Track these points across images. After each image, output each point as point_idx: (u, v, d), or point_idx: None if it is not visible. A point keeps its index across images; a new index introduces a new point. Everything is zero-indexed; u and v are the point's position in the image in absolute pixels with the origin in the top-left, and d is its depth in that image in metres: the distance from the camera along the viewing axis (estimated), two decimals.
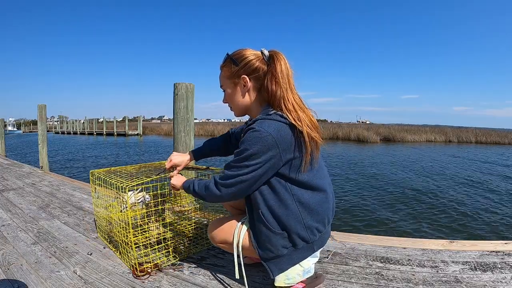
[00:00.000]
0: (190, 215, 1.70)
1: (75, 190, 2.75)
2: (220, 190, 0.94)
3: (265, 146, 0.85)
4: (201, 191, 1.00)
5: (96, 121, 34.46)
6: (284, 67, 0.95)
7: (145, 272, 1.18)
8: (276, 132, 0.86)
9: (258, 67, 0.99)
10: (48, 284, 1.12)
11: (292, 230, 0.93)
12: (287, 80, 0.95)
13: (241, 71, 1.01)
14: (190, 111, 2.12)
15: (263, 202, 0.94)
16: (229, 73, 1.03)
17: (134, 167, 1.55)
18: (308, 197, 0.94)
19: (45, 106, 4.40)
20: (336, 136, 21.02)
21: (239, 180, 0.90)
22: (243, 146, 0.89)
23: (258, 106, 1.03)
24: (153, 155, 12.19)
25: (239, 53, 1.02)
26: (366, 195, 5.41)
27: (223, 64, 1.07)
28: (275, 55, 0.97)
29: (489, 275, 1.16)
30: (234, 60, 1.01)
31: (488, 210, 4.61)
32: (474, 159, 11.49)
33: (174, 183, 1.16)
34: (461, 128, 25.82)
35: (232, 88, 1.05)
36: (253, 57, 0.99)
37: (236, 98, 1.05)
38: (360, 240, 1.54)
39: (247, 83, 1.01)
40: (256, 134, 0.86)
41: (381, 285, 1.10)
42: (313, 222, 0.96)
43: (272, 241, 0.94)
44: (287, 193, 0.92)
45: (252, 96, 1.03)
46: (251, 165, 0.87)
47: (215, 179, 0.96)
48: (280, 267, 0.97)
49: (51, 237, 1.59)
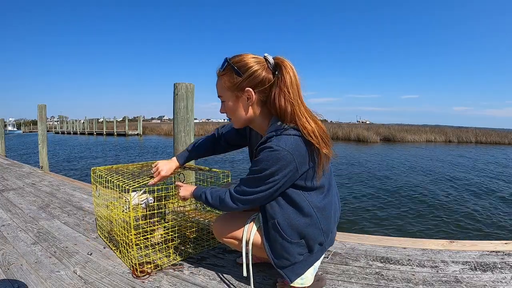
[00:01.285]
0: (190, 216, 1.70)
1: (75, 190, 2.75)
2: (237, 204, 0.94)
3: (284, 165, 0.84)
4: (215, 202, 0.98)
5: (96, 121, 34.47)
6: (293, 79, 0.88)
7: (145, 273, 1.18)
8: (294, 148, 0.84)
9: (264, 78, 0.90)
10: (48, 284, 1.12)
11: (311, 237, 0.94)
12: (297, 93, 0.88)
13: (245, 83, 0.91)
14: (190, 111, 2.12)
15: (280, 212, 0.92)
16: (230, 84, 0.93)
17: (136, 166, 1.55)
18: (321, 200, 0.94)
19: (45, 106, 4.39)
20: (336, 136, 21.04)
21: (257, 197, 0.90)
22: (261, 166, 0.86)
23: (264, 119, 0.97)
24: (154, 155, 12.19)
25: (242, 60, 0.91)
26: (366, 195, 5.41)
27: (222, 72, 0.95)
28: (281, 64, 0.89)
29: (489, 275, 1.16)
30: (236, 70, 0.91)
31: (488, 210, 4.61)
32: (474, 157, 11.49)
33: (183, 195, 1.13)
34: (461, 128, 25.82)
35: (234, 101, 0.96)
36: (258, 67, 0.90)
37: (238, 112, 0.97)
38: (360, 240, 1.54)
39: (251, 96, 0.92)
40: (275, 154, 0.83)
41: (381, 285, 1.10)
42: (328, 224, 0.97)
43: (288, 250, 0.93)
44: (303, 201, 0.91)
45: (256, 109, 0.96)
46: (269, 183, 0.87)
47: (231, 192, 0.95)
48: (296, 272, 0.96)
49: (51, 237, 1.59)
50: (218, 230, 1.08)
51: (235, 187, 0.95)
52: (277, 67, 0.90)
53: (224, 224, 1.07)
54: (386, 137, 20.69)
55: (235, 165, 7.88)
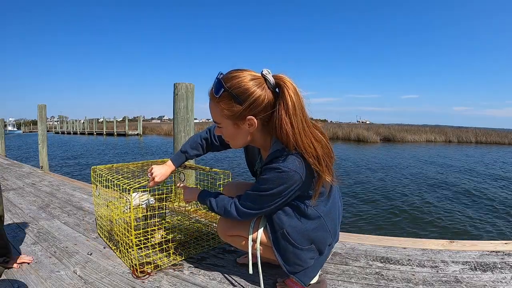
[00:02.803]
0: (191, 215, 1.70)
1: (75, 190, 2.75)
2: (242, 216, 0.94)
3: (291, 184, 0.83)
4: (220, 211, 0.99)
5: (96, 121, 34.48)
6: (296, 102, 0.80)
7: (145, 273, 1.18)
8: (301, 168, 0.83)
9: (267, 104, 0.83)
10: (48, 284, 1.12)
11: (320, 241, 0.95)
12: (301, 114, 0.82)
13: (246, 111, 0.83)
14: (190, 111, 2.12)
15: (287, 221, 0.92)
16: (229, 112, 0.84)
17: (136, 165, 1.54)
18: (326, 204, 0.94)
19: (45, 106, 4.39)
20: (336, 136, 21.01)
21: (262, 212, 0.92)
22: (268, 186, 0.84)
23: (266, 137, 0.92)
24: (154, 155, 12.18)
25: (240, 84, 0.81)
26: (366, 195, 5.41)
27: (218, 98, 0.84)
28: (283, 85, 0.81)
29: (489, 275, 1.16)
30: (235, 97, 0.81)
31: (489, 209, 4.61)
32: (474, 158, 11.49)
33: (187, 198, 1.14)
34: (461, 128, 25.82)
35: (234, 129, 0.89)
36: (259, 92, 0.81)
37: (238, 139, 0.92)
38: (360, 240, 1.54)
39: (254, 124, 0.86)
40: (283, 175, 0.81)
41: (381, 285, 1.10)
42: (334, 225, 0.98)
43: (300, 257, 0.94)
44: (309, 207, 0.91)
45: (257, 133, 0.91)
46: (276, 199, 0.87)
47: (236, 205, 0.94)
48: (309, 276, 0.98)
49: (51, 237, 1.59)
50: (223, 228, 1.08)
51: (241, 200, 0.94)
52: (278, 88, 0.83)
53: (229, 223, 1.06)
54: (386, 137, 20.68)
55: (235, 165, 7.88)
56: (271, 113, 0.84)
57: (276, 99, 0.83)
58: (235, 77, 0.82)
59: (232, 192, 1.14)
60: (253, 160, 1.15)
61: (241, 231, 1.03)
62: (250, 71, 0.85)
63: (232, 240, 1.07)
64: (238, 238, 1.05)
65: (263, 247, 1.00)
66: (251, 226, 1.00)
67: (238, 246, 1.07)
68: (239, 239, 1.04)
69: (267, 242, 0.99)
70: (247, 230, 1.01)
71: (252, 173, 1.18)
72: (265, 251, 1.01)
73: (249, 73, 0.83)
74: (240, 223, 1.03)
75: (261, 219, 1.01)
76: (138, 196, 1.33)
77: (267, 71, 0.83)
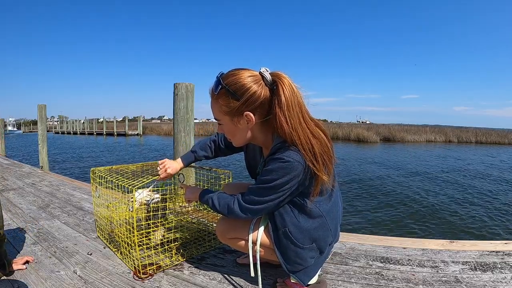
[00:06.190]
0: (191, 216, 1.70)
1: (75, 190, 2.75)
2: (246, 214, 0.93)
3: (295, 175, 0.83)
4: (223, 210, 0.97)
5: (96, 121, 34.48)
6: (292, 98, 0.82)
7: (147, 274, 1.18)
8: (303, 160, 0.83)
9: (264, 100, 0.85)
10: (48, 284, 1.12)
11: (322, 240, 0.95)
12: (299, 110, 0.83)
13: (243, 107, 0.86)
14: (190, 111, 2.12)
15: (289, 220, 0.92)
16: (227, 108, 0.88)
17: (136, 166, 1.54)
18: (327, 202, 0.94)
19: (45, 106, 4.40)
20: (336, 136, 21.05)
21: (266, 206, 0.90)
22: (272, 176, 0.84)
23: (267, 134, 0.94)
24: (154, 155, 12.18)
25: (237, 81, 0.84)
26: (366, 195, 5.41)
27: (216, 95, 0.89)
28: (279, 81, 0.83)
29: (489, 275, 1.16)
30: (232, 93, 0.85)
31: (489, 209, 4.61)
32: (475, 158, 11.49)
33: (188, 197, 1.13)
34: (461, 128, 25.82)
35: (233, 125, 0.92)
36: (256, 88, 0.83)
37: (238, 135, 0.95)
38: (360, 240, 1.54)
39: (251, 120, 0.88)
40: (287, 165, 0.82)
41: (381, 285, 1.10)
42: (335, 224, 0.98)
43: (301, 256, 0.94)
44: (311, 205, 0.91)
45: (257, 129, 0.92)
46: (279, 192, 0.86)
47: (239, 201, 0.93)
48: (309, 275, 0.98)
49: (51, 237, 1.59)
50: (222, 231, 1.07)
51: (243, 196, 0.93)
52: (275, 85, 0.84)
53: (228, 224, 1.06)
54: (386, 137, 20.70)
55: (235, 165, 7.88)
56: (269, 109, 0.87)
57: (273, 95, 0.85)
58: (233, 74, 0.86)
59: (232, 192, 1.14)
60: (252, 161, 1.15)
61: (240, 233, 1.02)
62: (249, 70, 0.88)
63: (232, 242, 1.07)
64: (238, 240, 1.04)
65: (263, 248, 1.00)
66: (250, 227, 1.00)
67: (237, 248, 1.07)
68: (239, 241, 1.04)
69: (268, 243, 0.98)
70: (246, 232, 1.00)
71: (251, 175, 1.18)
72: (265, 253, 1.01)
73: (247, 71, 0.87)
74: (239, 225, 1.03)
75: (261, 219, 1.01)
76: (143, 193, 1.33)
77: (265, 69, 0.86)
